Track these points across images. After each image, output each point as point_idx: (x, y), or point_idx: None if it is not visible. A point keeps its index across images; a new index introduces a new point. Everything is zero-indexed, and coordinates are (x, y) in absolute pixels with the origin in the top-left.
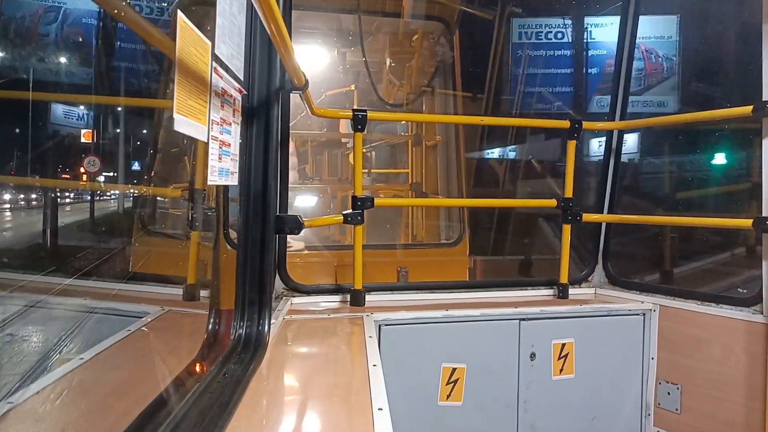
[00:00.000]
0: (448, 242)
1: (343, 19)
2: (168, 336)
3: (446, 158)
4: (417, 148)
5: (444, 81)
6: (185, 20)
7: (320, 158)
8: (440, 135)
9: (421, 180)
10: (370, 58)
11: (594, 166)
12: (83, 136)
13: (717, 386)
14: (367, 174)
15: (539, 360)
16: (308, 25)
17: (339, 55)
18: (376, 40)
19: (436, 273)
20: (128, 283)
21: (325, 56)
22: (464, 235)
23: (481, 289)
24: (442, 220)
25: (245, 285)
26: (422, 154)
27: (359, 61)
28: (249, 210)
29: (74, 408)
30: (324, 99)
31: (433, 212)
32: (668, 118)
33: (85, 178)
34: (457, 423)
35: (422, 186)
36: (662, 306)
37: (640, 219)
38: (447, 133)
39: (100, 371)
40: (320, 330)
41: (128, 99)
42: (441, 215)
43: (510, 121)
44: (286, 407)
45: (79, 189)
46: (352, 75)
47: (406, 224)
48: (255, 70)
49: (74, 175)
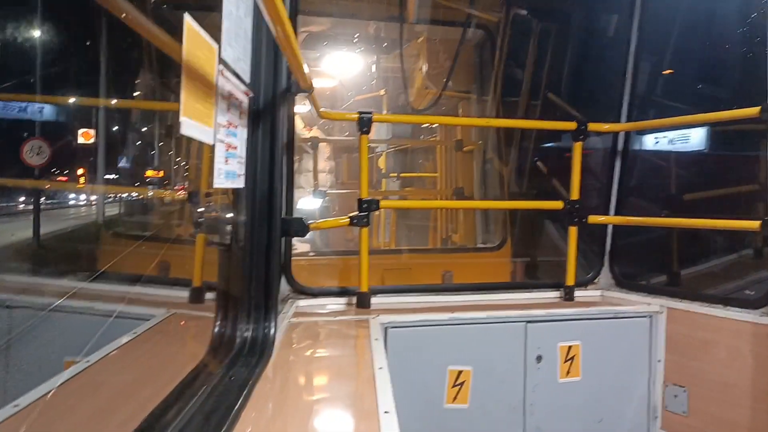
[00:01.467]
0: (491, 246)
1: (373, 26)
2: (174, 338)
3: (484, 163)
4: (452, 153)
5: (482, 86)
6: (192, 23)
7: (339, 161)
8: (480, 140)
9: (460, 185)
10: (398, 64)
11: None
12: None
13: (724, 389)
14: (395, 178)
15: (545, 362)
16: (341, 31)
17: (372, 62)
18: (410, 47)
19: (480, 277)
20: (134, 286)
21: (357, 62)
22: (507, 239)
23: (487, 292)
24: (484, 223)
25: (251, 287)
26: (459, 159)
27: (389, 67)
28: (255, 212)
29: (80, 411)
30: (353, 104)
31: (472, 216)
32: (676, 120)
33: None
34: (463, 426)
35: (464, 190)
36: (669, 308)
37: (645, 221)
38: (486, 138)
39: (107, 374)
40: (326, 332)
41: (136, 102)
42: (480, 219)
43: (517, 123)
44: (292, 410)
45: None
46: (382, 81)
47: (449, 228)
48: (261, 73)
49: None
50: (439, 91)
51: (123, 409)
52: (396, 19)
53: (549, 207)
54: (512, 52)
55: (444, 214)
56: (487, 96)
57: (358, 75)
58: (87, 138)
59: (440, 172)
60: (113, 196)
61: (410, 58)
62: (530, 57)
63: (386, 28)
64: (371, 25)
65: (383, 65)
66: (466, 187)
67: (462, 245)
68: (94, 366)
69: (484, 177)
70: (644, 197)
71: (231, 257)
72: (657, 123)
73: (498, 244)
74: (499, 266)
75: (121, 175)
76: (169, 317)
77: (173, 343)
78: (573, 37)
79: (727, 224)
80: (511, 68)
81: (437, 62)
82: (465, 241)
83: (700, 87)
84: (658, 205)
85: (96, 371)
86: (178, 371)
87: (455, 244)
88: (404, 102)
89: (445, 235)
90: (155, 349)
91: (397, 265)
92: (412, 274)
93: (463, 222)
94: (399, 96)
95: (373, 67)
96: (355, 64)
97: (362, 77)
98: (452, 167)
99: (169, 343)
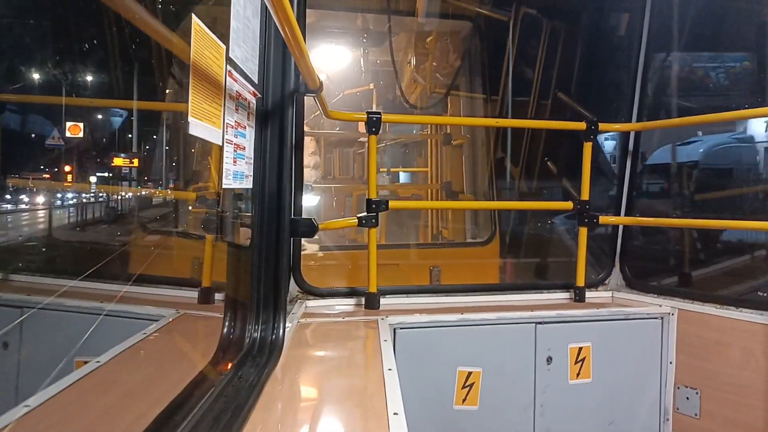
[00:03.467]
0: (480, 241)
1: (361, 18)
2: (183, 339)
3: (473, 157)
4: (441, 148)
5: (471, 82)
6: (200, 24)
7: (330, 157)
8: (467, 135)
9: (449, 179)
10: (389, 58)
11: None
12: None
13: (737, 391)
14: (386, 173)
15: (556, 364)
16: (325, 24)
17: (360, 55)
18: (397, 40)
19: (467, 273)
20: (142, 286)
21: (345, 56)
22: (496, 233)
23: (496, 292)
24: (472, 218)
25: (260, 288)
26: (448, 154)
27: (377, 61)
28: (264, 213)
29: (91, 411)
30: (340, 98)
31: (461, 211)
32: (687, 119)
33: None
34: (473, 427)
35: (452, 185)
36: (680, 309)
37: (657, 221)
38: (474, 132)
39: (116, 374)
40: (335, 333)
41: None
42: (470, 214)
43: (525, 123)
44: (302, 411)
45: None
46: (371, 75)
47: (435, 224)
48: (269, 73)
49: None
50: (445, 91)
51: (133, 409)
52: (402, 13)
53: (559, 207)
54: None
55: (435, 210)
56: (478, 92)
57: (346, 68)
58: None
59: (431, 167)
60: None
61: (398, 52)
62: (539, 56)
63: (374, 20)
64: (358, 17)
65: (371, 59)
66: (455, 182)
67: (451, 240)
68: (105, 366)
69: (473, 171)
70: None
71: (240, 258)
72: (669, 123)
73: (486, 239)
74: (488, 261)
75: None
76: (178, 318)
77: (183, 344)
78: (582, 36)
79: (739, 225)
80: (517, 67)
81: (429, 56)
82: (454, 236)
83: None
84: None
85: (106, 371)
86: (188, 372)
87: (445, 239)
88: (394, 97)
89: (436, 230)
90: (165, 350)
91: (387, 260)
92: (401, 269)
93: (452, 218)
94: (388, 90)
95: (361, 60)
96: (343, 58)
97: (350, 71)
98: (444, 163)
99: (178, 344)
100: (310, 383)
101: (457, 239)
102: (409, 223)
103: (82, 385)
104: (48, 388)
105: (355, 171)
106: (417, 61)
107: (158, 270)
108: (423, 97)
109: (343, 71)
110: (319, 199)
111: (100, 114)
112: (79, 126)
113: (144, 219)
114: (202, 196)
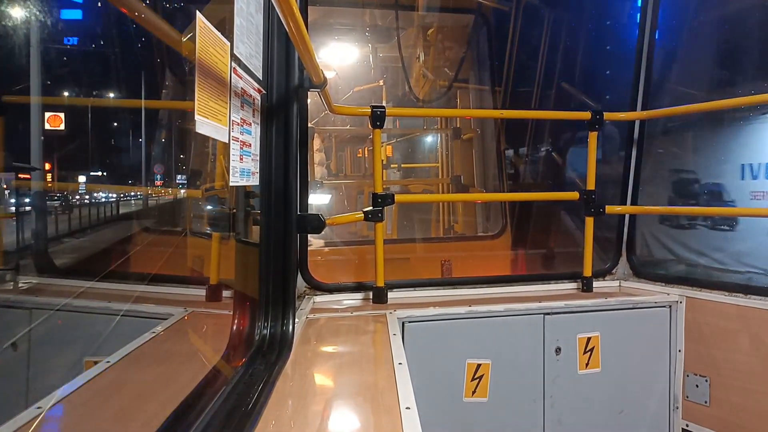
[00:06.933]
0: (491, 234)
1: (369, 14)
2: (192, 337)
3: (483, 151)
4: (452, 142)
5: (480, 74)
6: (204, 21)
7: (342, 155)
8: (477, 128)
9: (459, 173)
10: (397, 53)
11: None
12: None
13: (746, 378)
14: (396, 169)
15: (564, 354)
16: (332, 21)
17: (369, 52)
18: (406, 36)
19: (479, 266)
20: (150, 285)
21: (354, 53)
22: (507, 226)
23: (504, 284)
24: (483, 212)
25: (269, 284)
26: (457, 148)
27: (387, 57)
28: (271, 209)
29: (103, 411)
30: (351, 96)
31: (472, 205)
32: (694, 107)
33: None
34: (483, 419)
35: (462, 179)
36: (688, 297)
37: (663, 210)
38: (484, 126)
39: (127, 374)
40: (344, 328)
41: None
42: (480, 208)
43: (529, 114)
44: (313, 408)
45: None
46: (380, 71)
47: (447, 218)
48: (273, 69)
49: None
50: (450, 83)
51: (146, 409)
52: (405, 7)
53: (565, 198)
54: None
55: (445, 204)
56: (486, 84)
57: (356, 65)
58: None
59: (441, 161)
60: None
61: (407, 48)
62: (541, 46)
63: (381, 16)
64: (365, 13)
65: (380, 55)
66: (465, 176)
67: (462, 234)
68: (115, 366)
69: (484, 165)
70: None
71: (248, 254)
72: (674, 111)
73: (498, 232)
74: (500, 253)
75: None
76: (186, 316)
77: (192, 342)
78: (584, 25)
79: (747, 212)
80: (521, 56)
81: (435, 50)
82: (465, 229)
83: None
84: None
85: (117, 371)
86: (199, 370)
87: (456, 233)
88: (404, 92)
89: (447, 225)
90: (175, 348)
91: (399, 254)
92: (412, 264)
93: (462, 211)
94: (398, 86)
95: (370, 57)
96: (352, 54)
97: (360, 67)
98: (454, 156)
99: (188, 342)
100: (321, 379)
101: (469, 233)
102: (421, 218)
103: (94, 386)
104: (59, 389)
105: (366, 168)
106: (425, 56)
107: (165, 268)
108: (432, 93)
109: (352, 68)
110: (330, 196)
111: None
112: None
113: (151, 218)
114: (214, 195)
